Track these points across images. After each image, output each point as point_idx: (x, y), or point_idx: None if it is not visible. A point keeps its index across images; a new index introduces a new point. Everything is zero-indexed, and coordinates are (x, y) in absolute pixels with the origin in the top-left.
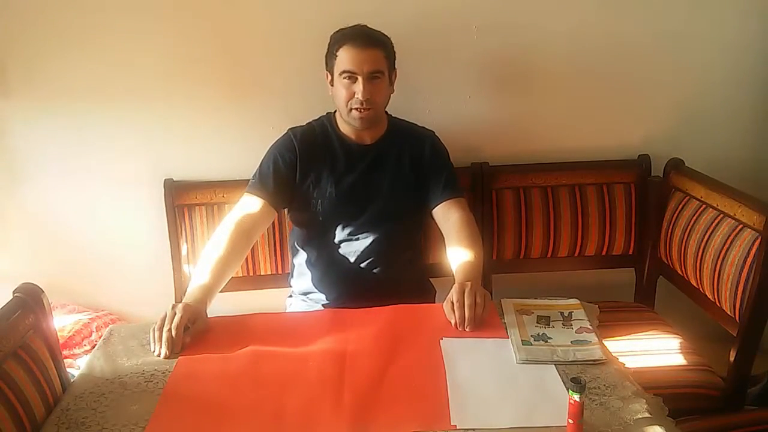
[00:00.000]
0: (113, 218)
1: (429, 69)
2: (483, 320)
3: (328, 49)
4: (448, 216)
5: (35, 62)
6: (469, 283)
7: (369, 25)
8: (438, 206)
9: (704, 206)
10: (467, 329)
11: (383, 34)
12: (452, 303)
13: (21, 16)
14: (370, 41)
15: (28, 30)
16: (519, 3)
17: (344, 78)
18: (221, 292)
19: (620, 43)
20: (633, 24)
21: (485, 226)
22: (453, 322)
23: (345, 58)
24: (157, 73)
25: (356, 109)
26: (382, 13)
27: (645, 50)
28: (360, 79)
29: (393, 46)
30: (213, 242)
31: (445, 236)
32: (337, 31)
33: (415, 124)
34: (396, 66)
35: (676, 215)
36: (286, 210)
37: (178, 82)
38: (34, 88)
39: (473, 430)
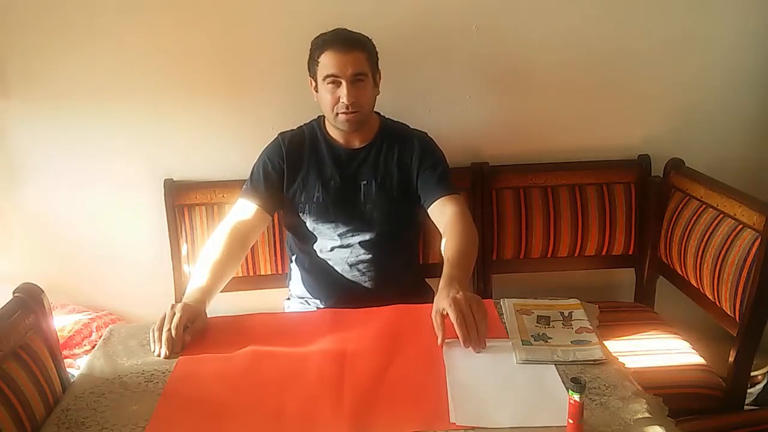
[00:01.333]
0: (113, 218)
1: (429, 69)
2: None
3: (309, 55)
4: (443, 212)
5: (35, 62)
6: (461, 296)
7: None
8: (433, 204)
9: (704, 206)
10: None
11: (364, 35)
12: (443, 316)
13: (21, 16)
14: (351, 44)
15: (28, 30)
16: (519, 3)
17: (328, 83)
18: (221, 292)
19: (620, 42)
20: (633, 24)
21: (485, 226)
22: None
23: (327, 62)
24: (157, 73)
25: (342, 113)
26: (382, 14)
27: (645, 50)
28: (344, 82)
29: (375, 47)
30: (209, 248)
31: (441, 232)
32: (317, 37)
33: (407, 126)
34: (380, 67)
35: (676, 215)
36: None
37: (178, 83)
38: (34, 88)
39: (473, 429)
